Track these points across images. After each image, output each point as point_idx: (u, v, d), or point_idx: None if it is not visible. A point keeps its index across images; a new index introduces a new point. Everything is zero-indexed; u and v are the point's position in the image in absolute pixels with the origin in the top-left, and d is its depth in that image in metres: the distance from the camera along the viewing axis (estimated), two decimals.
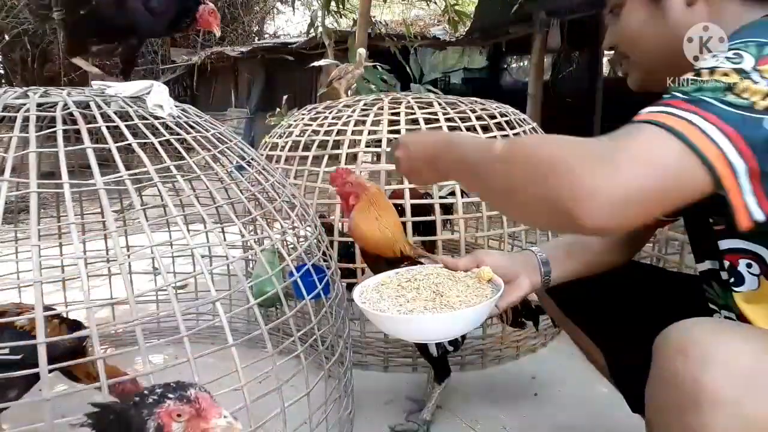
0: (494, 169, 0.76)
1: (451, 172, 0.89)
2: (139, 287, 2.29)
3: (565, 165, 0.65)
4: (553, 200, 0.65)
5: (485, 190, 0.82)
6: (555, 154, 0.67)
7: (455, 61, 11.97)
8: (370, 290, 1.05)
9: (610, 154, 0.63)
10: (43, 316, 0.88)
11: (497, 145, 0.78)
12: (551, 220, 0.75)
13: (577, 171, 0.63)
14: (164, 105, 1.28)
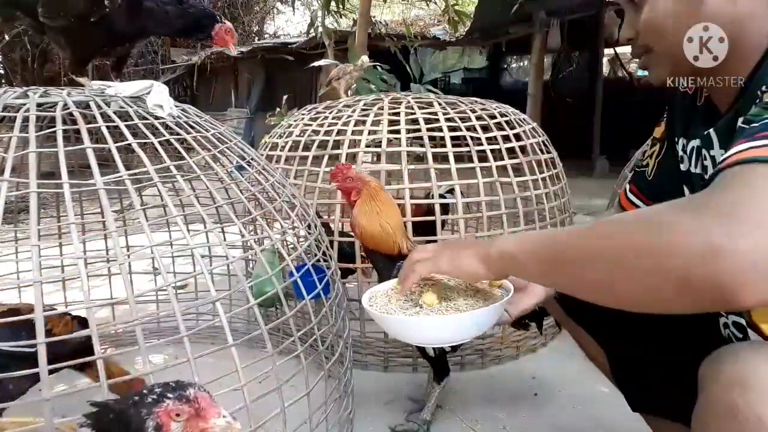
0: (595, 252, 0.68)
1: (515, 256, 0.81)
2: (139, 287, 2.29)
3: (687, 235, 0.57)
4: (688, 275, 0.57)
5: (577, 279, 0.72)
6: (669, 223, 0.60)
7: (455, 61, 11.97)
8: (379, 295, 1.05)
9: (730, 211, 0.56)
10: (50, 315, 0.88)
11: (585, 228, 0.73)
12: (692, 300, 0.61)
13: (707, 238, 0.56)
14: (164, 105, 1.28)
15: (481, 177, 1.84)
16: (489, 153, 1.87)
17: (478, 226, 2.57)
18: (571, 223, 2.21)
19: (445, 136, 1.86)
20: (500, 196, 1.86)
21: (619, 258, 0.64)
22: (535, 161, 2.00)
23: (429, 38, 8.23)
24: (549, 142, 2.14)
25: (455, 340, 1.02)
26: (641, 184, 1.13)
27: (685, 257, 0.57)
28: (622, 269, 0.64)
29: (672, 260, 0.58)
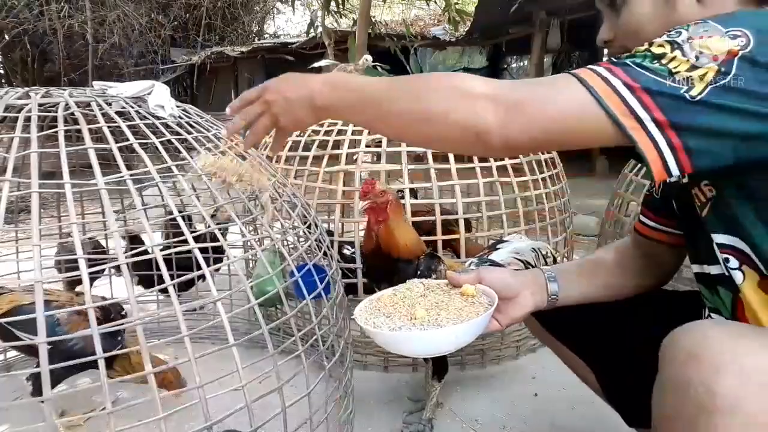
0: (404, 96, 0.82)
1: (336, 107, 0.90)
2: (139, 287, 2.29)
3: (483, 103, 0.75)
4: (468, 128, 0.76)
5: (385, 115, 0.85)
6: (477, 89, 0.76)
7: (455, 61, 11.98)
8: (369, 307, 1.05)
9: (523, 98, 0.74)
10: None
11: (402, 79, 0.87)
12: (460, 142, 0.80)
13: (489, 114, 0.74)
14: (165, 105, 1.28)
15: (481, 177, 1.84)
16: None
17: (478, 226, 2.57)
18: (571, 224, 2.21)
19: None
20: (500, 196, 1.86)
21: (426, 111, 0.79)
22: (535, 161, 2.00)
23: (429, 38, 8.24)
24: None
25: (440, 352, 1.03)
26: (650, 202, 1.12)
27: (459, 126, 0.77)
28: (430, 119, 0.79)
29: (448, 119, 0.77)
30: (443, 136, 0.80)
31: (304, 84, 0.93)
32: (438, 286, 1.07)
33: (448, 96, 0.77)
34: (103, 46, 9.95)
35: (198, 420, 0.96)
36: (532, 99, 0.74)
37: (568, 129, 0.73)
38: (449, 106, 0.77)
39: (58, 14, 9.47)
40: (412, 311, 0.98)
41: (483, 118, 0.74)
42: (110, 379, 0.89)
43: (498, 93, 0.75)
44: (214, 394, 0.96)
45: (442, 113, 0.77)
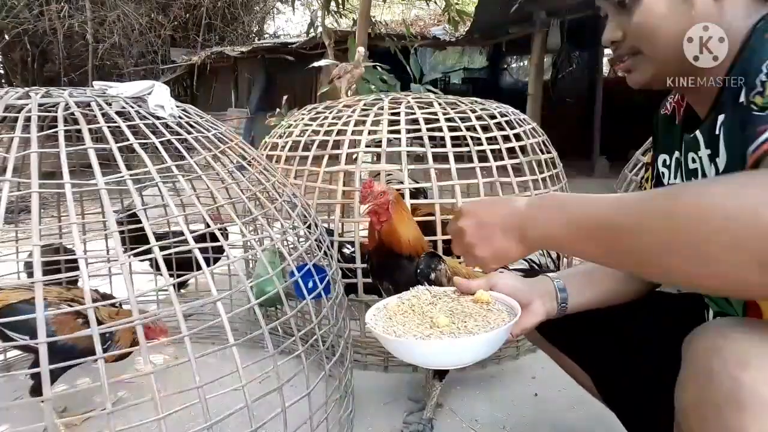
0: (667, 227, 0.61)
1: (556, 238, 0.74)
2: (139, 287, 2.29)
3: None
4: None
5: (632, 250, 0.65)
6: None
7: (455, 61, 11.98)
8: (381, 313, 0.98)
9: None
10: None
11: (653, 199, 0.65)
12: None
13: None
14: (165, 105, 1.28)
15: (481, 177, 1.84)
16: (489, 153, 1.87)
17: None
18: None
19: (445, 136, 1.86)
20: (500, 196, 1.86)
21: (701, 240, 0.59)
22: (535, 161, 2.00)
23: (429, 38, 8.24)
24: (549, 142, 2.15)
25: (468, 362, 0.94)
26: None
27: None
28: (707, 250, 0.58)
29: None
30: (729, 279, 0.59)
31: (509, 208, 0.80)
32: (445, 293, 1.02)
33: (740, 235, 0.56)
34: (103, 46, 9.95)
35: (198, 420, 0.96)
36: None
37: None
38: (743, 248, 0.56)
39: (58, 14, 9.47)
40: (427, 319, 0.91)
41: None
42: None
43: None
44: (214, 394, 0.96)
45: (730, 253, 0.57)
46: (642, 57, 0.86)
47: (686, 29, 0.80)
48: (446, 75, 11.48)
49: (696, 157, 0.86)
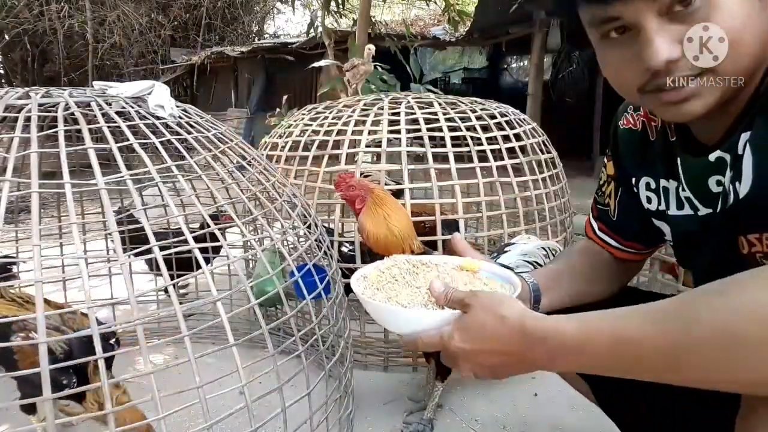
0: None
1: (581, 368, 0.68)
2: (139, 287, 2.29)
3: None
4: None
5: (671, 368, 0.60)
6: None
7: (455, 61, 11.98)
8: (369, 279, 0.94)
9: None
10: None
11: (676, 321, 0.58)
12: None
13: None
14: (165, 105, 1.28)
15: (481, 177, 1.84)
16: (489, 153, 1.87)
17: (478, 226, 2.57)
18: (571, 224, 2.21)
19: (445, 136, 1.86)
20: (500, 196, 1.86)
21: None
22: (535, 161, 2.00)
23: (429, 38, 8.23)
24: (549, 142, 2.15)
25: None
26: (608, 222, 1.07)
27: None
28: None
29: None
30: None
31: (523, 362, 0.71)
32: (422, 262, 0.98)
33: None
34: (103, 46, 9.95)
35: (198, 420, 0.96)
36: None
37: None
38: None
39: (58, 14, 9.47)
40: (416, 289, 0.87)
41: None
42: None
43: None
44: (214, 394, 0.96)
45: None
46: (710, 77, 0.68)
47: (764, 33, 0.67)
48: (446, 75, 11.48)
49: (722, 180, 0.76)
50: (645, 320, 0.60)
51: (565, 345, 0.65)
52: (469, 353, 0.73)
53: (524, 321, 0.69)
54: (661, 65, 0.67)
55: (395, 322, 0.84)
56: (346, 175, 1.52)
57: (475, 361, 0.73)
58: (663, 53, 0.66)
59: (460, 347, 0.73)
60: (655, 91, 0.71)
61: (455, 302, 0.77)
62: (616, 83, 0.77)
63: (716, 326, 0.55)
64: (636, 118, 0.95)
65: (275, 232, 1.40)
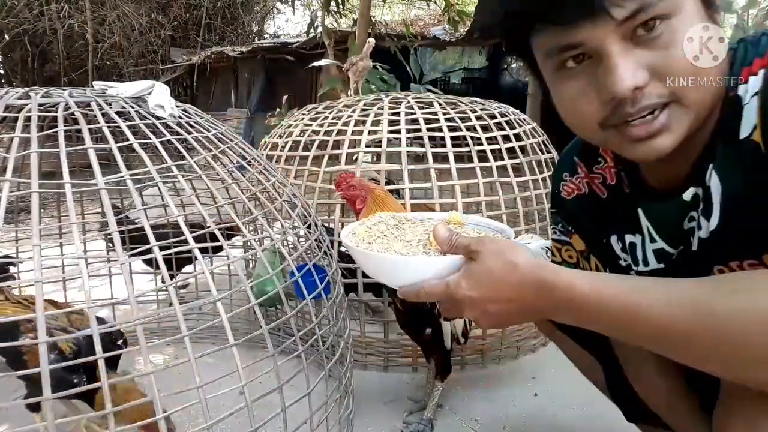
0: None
1: (586, 322, 0.68)
2: (139, 287, 2.30)
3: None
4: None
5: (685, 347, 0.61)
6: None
7: (455, 61, 11.98)
8: (359, 233, 0.93)
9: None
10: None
11: (701, 297, 0.58)
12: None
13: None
14: (165, 105, 1.28)
15: (481, 177, 1.85)
16: (489, 153, 1.87)
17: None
18: None
19: (445, 136, 1.86)
20: (500, 196, 1.86)
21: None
22: (535, 161, 2.00)
23: (429, 38, 8.23)
24: (549, 142, 2.15)
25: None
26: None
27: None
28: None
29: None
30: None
31: (530, 310, 0.71)
32: (406, 218, 0.96)
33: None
34: (103, 46, 9.95)
35: (198, 420, 0.96)
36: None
37: None
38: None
39: (58, 14, 9.48)
40: (407, 243, 0.86)
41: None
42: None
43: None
44: (214, 394, 0.96)
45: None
46: (678, 107, 0.66)
47: (720, 66, 0.66)
48: (446, 75, 11.48)
49: (694, 215, 0.75)
50: (659, 298, 0.60)
51: (575, 301, 0.65)
52: (477, 301, 0.71)
53: (538, 270, 0.68)
54: (627, 93, 0.63)
55: (396, 273, 0.81)
56: (346, 175, 1.52)
57: (483, 308, 0.72)
58: (628, 80, 0.63)
59: (467, 295, 0.71)
60: (620, 125, 0.67)
61: (461, 248, 0.75)
62: (573, 119, 0.73)
63: (727, 323, 0.56)
64: (578, 182, 0.93)
65: (275, 232, 1.40)
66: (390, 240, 0.87)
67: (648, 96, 0.64)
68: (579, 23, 0.63)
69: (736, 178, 0.67)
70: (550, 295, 0.66)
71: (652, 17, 0.62)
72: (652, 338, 0.62)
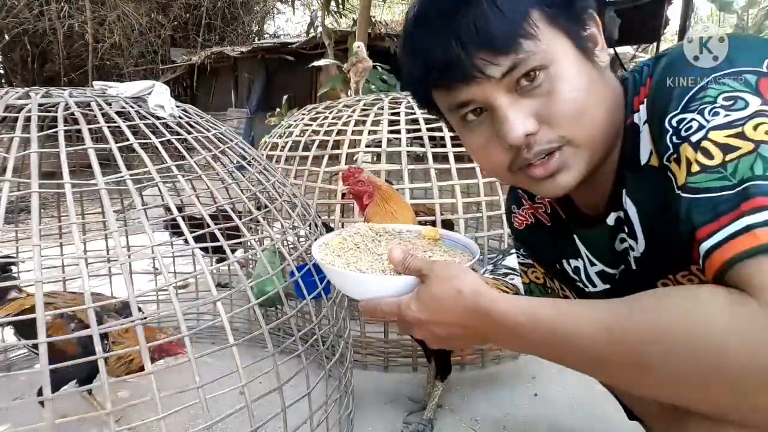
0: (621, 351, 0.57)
1: (524, 348, 0.70)
2: (139, 287, 2.30)
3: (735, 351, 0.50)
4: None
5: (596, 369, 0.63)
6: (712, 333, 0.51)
7: None
8: (330, 246, 0.93)
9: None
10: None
11: (607, 322, 0.59)
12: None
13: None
14: (165, 105, 1.29)
15: (481, 177, 1.84)
16: None
17: (478, 226, 2.57)
18: None
19: (445, 135, 1.86)
20: (500, 196, 1.86)
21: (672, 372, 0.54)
22: None
23: None
24: None
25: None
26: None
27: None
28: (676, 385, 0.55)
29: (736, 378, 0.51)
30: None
31: (474, 335, 0.73)
32: (384, 230, 0.98)
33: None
34: (103, 46, 9.95)
35: (198, 420, 0.96)
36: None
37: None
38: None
39: (58, 14, 9.48)
40: (378, 256, 0.86)
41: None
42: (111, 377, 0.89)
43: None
44: (214, 394, 0.96)
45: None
46: (570, 148, 0.70)
47: (609, 98, 0.71)
48: None
49: (624, 237, 0.78)
50: (581, 323, 0.61)
51: (510, 328, 0.67)
52: (424, 323, 0.74)
53: (477, 298, 0.70)
54: (520, 140, 0.68)
55: (353, 288, 0.84)
56: (354, 170, 1.51)
57: (430, 330, 0.75)
58: (518, 128, 0.68)
59: (416, 317, 0.74)
60: (524, 167, 0.72)
61: (413, 270, 0.77)
62: (486, 166, 0.78)
63: (627, 343, 0.57)
64: (525, 213, 0.97)
65: (275, 232, 1.40)
66: (362, 252, 0.89)
67: (539, 142, 0.69)
68: (463, 86, 0.69)
69: (648, 201, 0.71)
70: (489, 322, 0.69)
71: (529, 69, 0.67)
72: (582, 363, 0.63)
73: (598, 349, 0.59)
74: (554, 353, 0.65)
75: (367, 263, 0.85)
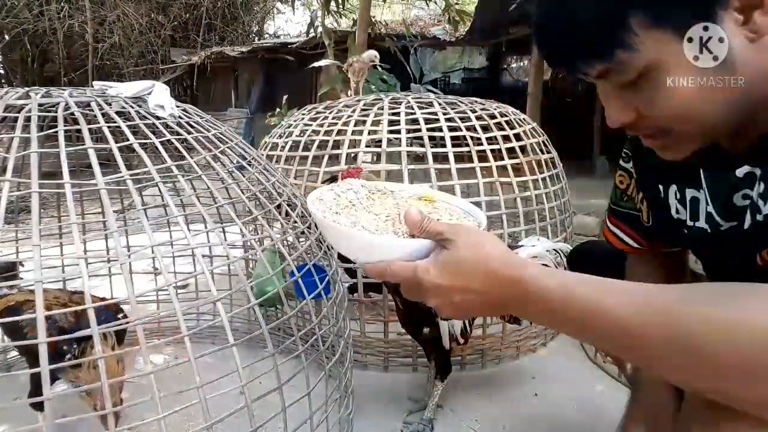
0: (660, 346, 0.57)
1: (547, 322, 0.70)
2: (139, 287, 2.29)
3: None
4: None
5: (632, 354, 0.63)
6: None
7: (455, 61, 11.97)
8: (327, 201, 0.87)
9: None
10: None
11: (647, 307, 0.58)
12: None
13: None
14: (165, 105, 1.29)
15: (481, 177, 1.85)
16: (489, 153, 1.87)
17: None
18: (571, 224, 2.21)
19: (445, 136, 1.86)
20: (500, 196, 1.86)
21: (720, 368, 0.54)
22: (535, 161, 2.00)
23: (429, 38, 8.23)
24: (549, 142, 2.15)
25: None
26: (636, 227, 1.05)
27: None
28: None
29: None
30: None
31: (495, 304, 0.71)
32: (377, 188, 0.92)
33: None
34: (103, 46, 9.95)
35: (198, 420, 0.96)
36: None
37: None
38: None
39: (58, 14, 9.48)
40: (376, 216, 0.82)
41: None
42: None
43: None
44: (214, 394, 0.96)
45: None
46: (676, 134, 0.70)
47: (729, 97, 0.66)
48: (446, 75, 11.47)
49: (750, 194, 0.73)
50: (623, 300, 0.60)
51: (541, 300, 0.65)
52: (443, 289, 0.70)
53: (509, 263, 0.68)
54: (615, 124, 0.72)
55: (362, 250, 0.78)
56: (354, 170, 1.51)
57: (448, 297, 0.71)
58: (614, 118, 0.71)
59: (434, 282, 0.70)
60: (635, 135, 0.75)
61: (432, 234, 0.73)
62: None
63: (688, 332, 0.55)
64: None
65: (275, 232, 1.40)
66: (358, 210, 0.83)
67: (637, 129, 0.72)
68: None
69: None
70: (518, 290, 0.66)
71: (624, 78, 0.67)
72: (616, 341, 0.62)
73: (643, 329, 0.58)
74: (587, 328, 0.63)
75: (367, 222, 0.79)
